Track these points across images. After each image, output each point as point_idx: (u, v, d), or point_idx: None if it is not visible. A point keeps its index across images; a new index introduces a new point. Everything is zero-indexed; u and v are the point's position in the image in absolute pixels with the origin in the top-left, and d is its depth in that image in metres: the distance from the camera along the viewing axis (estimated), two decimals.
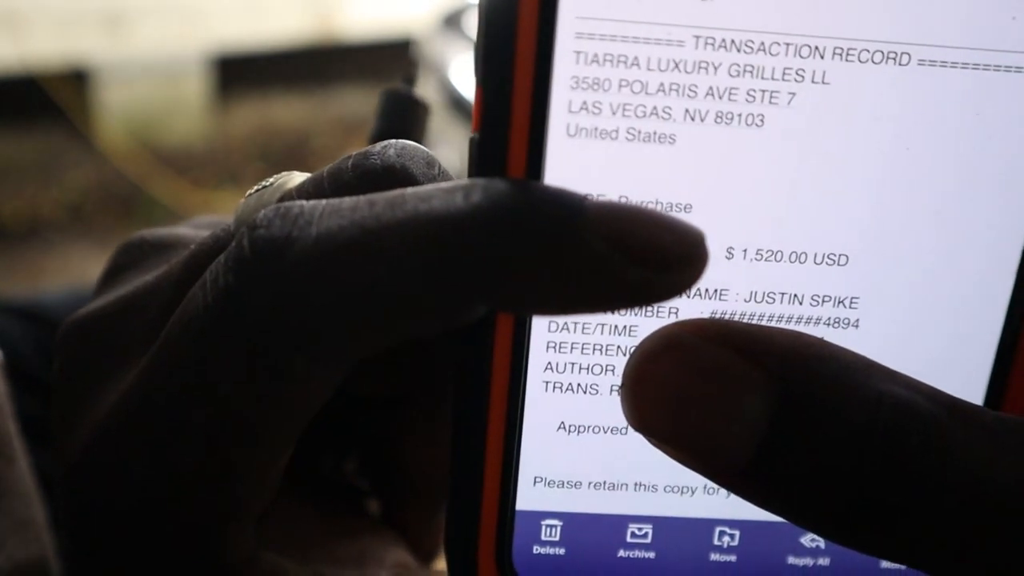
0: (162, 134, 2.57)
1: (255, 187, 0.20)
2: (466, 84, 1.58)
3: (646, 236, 0.14)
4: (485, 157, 0.16)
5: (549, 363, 0.18)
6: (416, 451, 0.23)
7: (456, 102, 1.60)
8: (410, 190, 0.16)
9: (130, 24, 2.51)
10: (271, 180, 0.20)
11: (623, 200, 0.17)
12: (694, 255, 0.14)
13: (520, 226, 0.14)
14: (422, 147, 0.19)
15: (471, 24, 1.71)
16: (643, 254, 0.14)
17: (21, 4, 2.37)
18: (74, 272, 2.14)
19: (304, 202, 0.16)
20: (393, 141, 0.19)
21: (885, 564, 0.19)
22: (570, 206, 0.14)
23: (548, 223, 0.14)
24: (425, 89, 1.76)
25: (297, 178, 0.20)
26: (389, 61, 2.73)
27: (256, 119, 2.75)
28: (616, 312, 0.16)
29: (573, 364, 0.18)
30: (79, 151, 2.47)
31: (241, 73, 2.74)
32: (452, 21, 1.77)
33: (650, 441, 0.15)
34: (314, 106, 2.85)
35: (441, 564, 0.24)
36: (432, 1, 1.96)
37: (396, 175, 0.18)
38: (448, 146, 1.64)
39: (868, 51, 0.16)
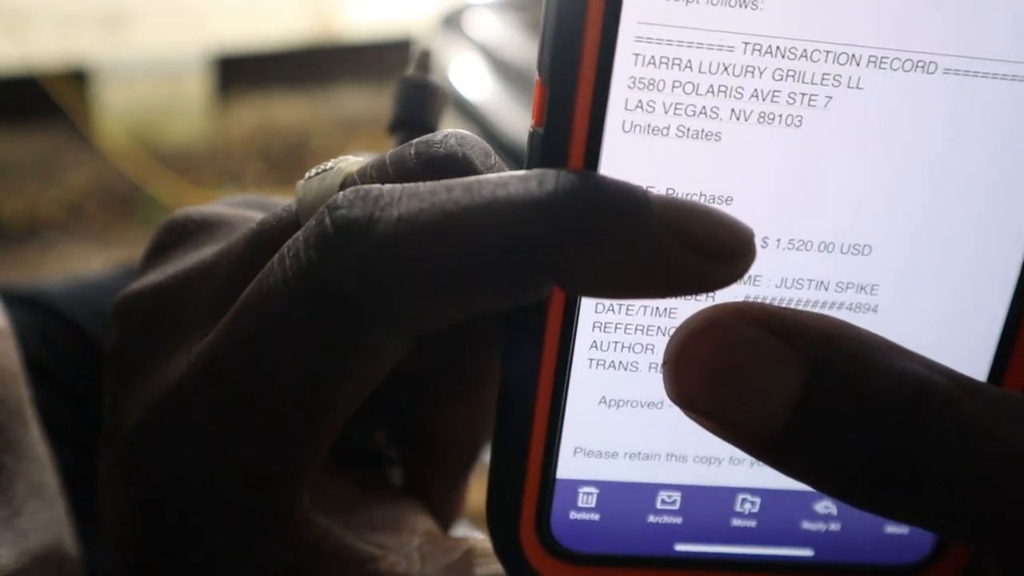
0: (162, 134, 2.57)
1: (314, 170, 0.20)
2: (464, 84, 1.58)
3: (705, 230, 0.16)
4: (548, 150, 0.17)
5: (594, 341, 0.19)
6: (444, 422, 0.23)
7: (456, 102, 1.60)
8: (484, 177, 0.17)
9: (130, 24, 2.51)
10: (330, 164, 0.20)
11: (671, 192, 0.18)
12: (746, 249, 0.16)
13: (594, 214, 0.16)
14: (480, 139, 0.20)
15: (471, 24, 1.71)
16: (703, 247, 0.16)
17: (21, 4, 2.37)
18: (74, 271, 2.14)
19: (381, 185, 0.17)
20: (453, 131, 0.19)
21: (889, 528, 0.21)
22: (637, 198, 0.16)
23: (620, 212, 0.16)
24: None
25: (353, 162, 0.20)
26: (389, 61, 2.73)
27: (256, 119, 2.75)
28: (670, 297, 0.18)
29: (616, 343, 0.19)
30: (79, 151, 2.47)
31: (241, 73, 2.74)
32: (452, 21, 1.77)
33: (688, 414, 0.16)
34: (314, 106, 2.85)
35: (457, 533, 0.24)
36: (432, 1, 1.96)
37: (458, 163, 0.19)
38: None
39: (899, 59, 0.18)
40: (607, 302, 0.19)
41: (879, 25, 0.18)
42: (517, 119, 1.42)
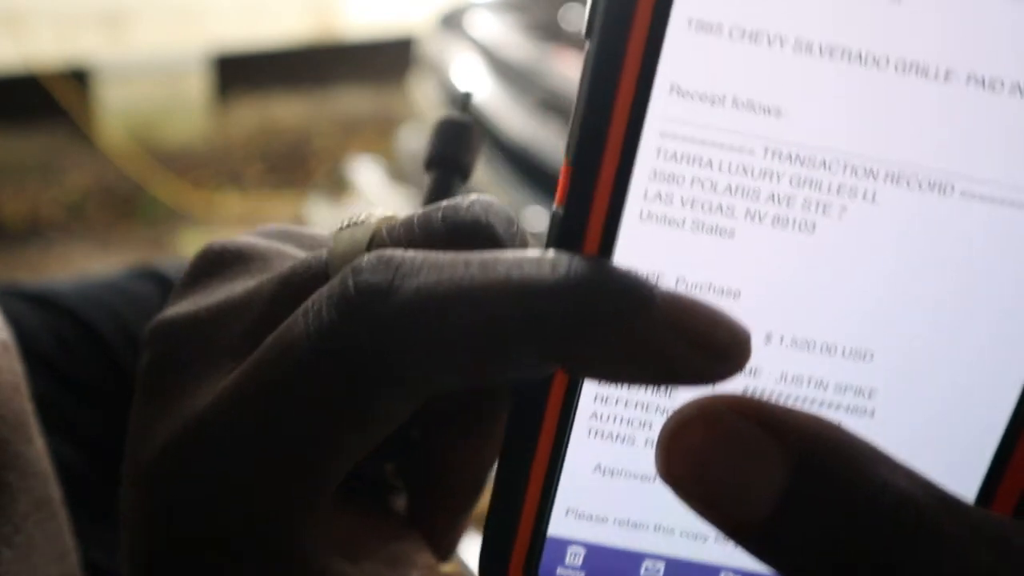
0: (162, 134, 2.58)
1: (346, 221, 0.22)
2: (464, 84, 1.58)
3: (704, 329, 0.17)
4: (566, 230, 0.18)
5: (595, 412, 0.20)
6: (454, 458, 0.24)
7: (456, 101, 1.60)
8: (501, 255, 0.18)
9: (130, 24, 2.52)
10: (362, 216, 0.22)
11: (681, 282, 0.19)
12: (742, 349, 0.17)
13: (599, 304, 0.17)
14: (504, 206, 0.21)
15: (471, 24, 1.71)
16: (701, 342, 0.17)
17: (21, 4, 2.37)
18: (75, 271, 2.15)
19: (404, 251, 0.18)
20: (478, 197, 0.21)
21: None
22: (642, 291, 0.17)
23: (624, 304, 0.17)
24: (425, 89, 1.76)
25: (383, 218, 0.21)
26: (389, 61, 2.73)
27: (256, 119, 2.75)
28: (667, 386, 0.19)
29: (615, 416, 0.20)
30: (79, 151, 2.47)
31: (241, 73, 2.74)
32: (452, 21, 1.77)
33: (676, 493, 0.17)
34: (314, 106, 2.85)
35: (453, 567, 0.25)
36: (432, 1, 1.97)
37: (482, 231, 0.20)
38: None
39: (917, 178, 0.18)
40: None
41: (900, 143, 0.18)
42: (517, 119, 1.42)
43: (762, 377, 0.20)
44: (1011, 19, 0.17)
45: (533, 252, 0.18)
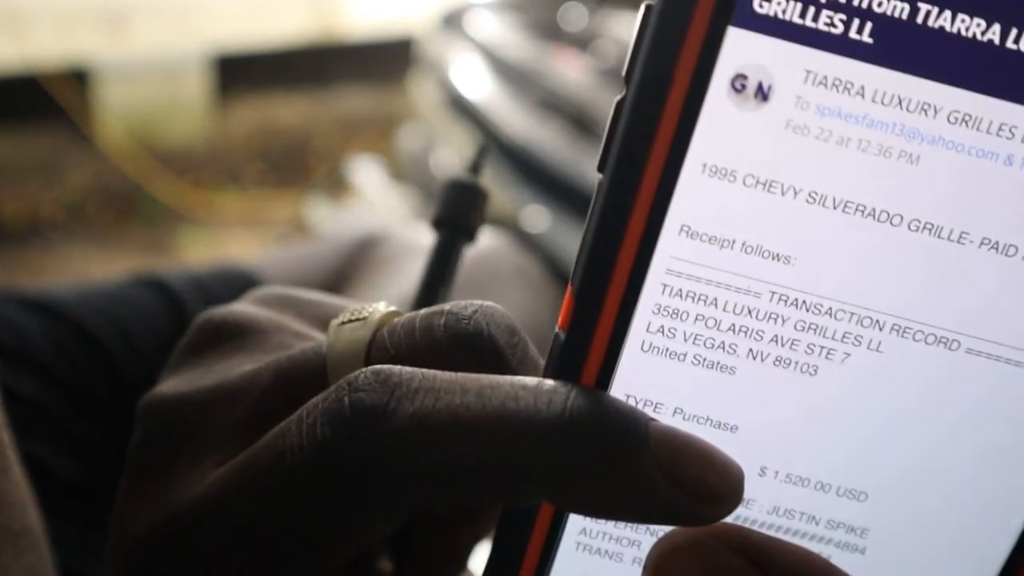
0: (162, 134, 2.58)
1: (345, 316, 0.22)
2: (464, 84, 1.58)
3: (695, 472, 0.17)
4: (567, 356, 0.18)
5: (584, 528, 0.20)
6: (439, 532, 0.24)
7: (456, 102, 1.60)
8: (499, 381, 0.18)
9: (130, 24, 2.52)
10: (366, 312, 0.21)
11: (679, 413, 0.19)
12: (732, 494, 0.17)
13: (589, 443, 0.17)
14: (507, 314, 0.21)
15: (471, 24, 1.71)
16: (691, 487, 0.17)
17: (21, 4, 2.37)
18: (74, 272, 2.14)
19: (401, 370, 0.18)
20: (480, 305, 0.20)
21: None
22: (636, 432, 0.17)
23: (615, 446, 0.17)
24: (425, 89, 1.76)
25: (386, 313, 0.21)
26: (389, 61, 2.73)
27: (256, 119, 2.75)
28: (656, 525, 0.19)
29: (604, 533, 0.20)
30: (79, 151, 2.47)
31: (241, 73, 2.74)
32: (452, 21, 1.77)
33: None
34: (314, 106, 2.85)
35: None
36: (432, 1, 1.96)
37: (483, 342, 0.20)
38: (448, 146, 1.64)
39: (923, 332, 0.18)
40: None
41: (907, 298, 0.18)
42: (516, 119, 1.42)
43: (754, 508, 0.20)
44: None
45: (531, 381, 0.18)
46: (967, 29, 0.16)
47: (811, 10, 0.16)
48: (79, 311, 0.42)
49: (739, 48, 0.16)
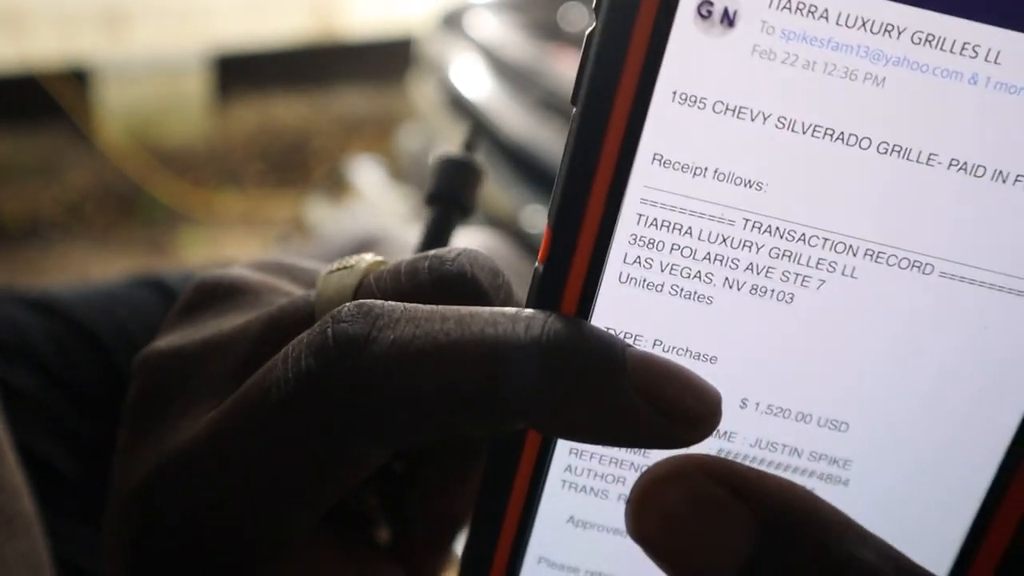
0: (162, 134, 2.58)
1: (334, 266, 0.22)
2: (464, 84, 1.58)
3: (672, 394, 0.17)
4: (546, 288, 0.18)
5: (569, 465, 0.20)
6: (435, 494, 0.25)
7: (456, 102, 1.60)
8: (477, 311, 0.18)
9: (130, 24, 2.51)
10: (352, 261, 0.22)
11: (658, 344, 0.19)
12: (709, 416, 0.17)
13: (567, 366, 0.17)
14: (490, 257, 0.21)
15: (471, 24, 1.71)
16: (668, 409, 0.17)
17: (21, 4, 2.37)
18: (74, 272, 2.14)
19: (384, 303, 0.18)
20: (465, 248, 0.21)
21: None
22: (613, 355, 0.17)
23: (593, 368, 0.17)
24: (425, 89, 1.76)
25: (372, 262, 0.22)
26: (389, 61, 2.73)
27: (256, 119, 2.75)
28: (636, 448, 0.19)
29: (589, 470, 0.21)
30: (79, 151, 2.47)
31: (241, 73, 2.74)
32: (452, 21, 1.77)
33: (644, 551, 0.17)
34: (314, 106, 2.85)
35: None
36: (432, 1, 1.96)
37: (466, 283, 0.20)
38: (448, 145, 1.64)
39: (896, 257, 0.18)
40: None
41: (880, 223, 0.18)
42: (516, 118, 1.42)
43: (736, 441, 0.20)
44: (995, 107, 0.17)
45: (510, 309, 0.18)
46: None
47: None
48: (79, 310, 0.42)
49: None
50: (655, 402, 0.17)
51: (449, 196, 0.27)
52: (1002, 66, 0.17)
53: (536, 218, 1.30)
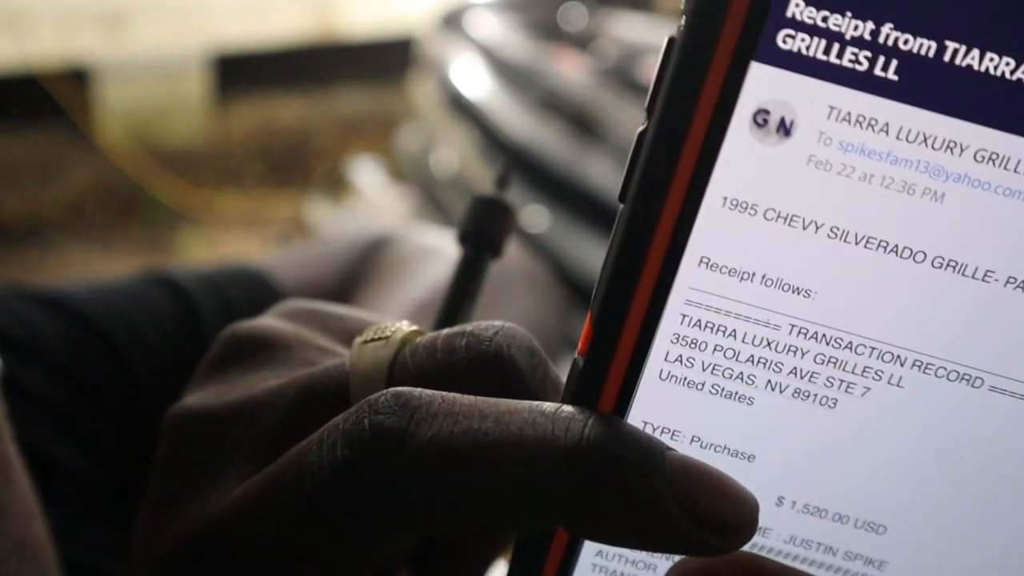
0: (162, 134, 2.58)
1: (369, 334, 0.22)
2: (464, 84, 1.58)
3: (710, 503, 0.17)
4: (586, 382, 0.18)
5: (600, 550, 0.21)
6: (459, 545, 0.25)
7: (456, 102, 1.60)
8: (516, 408, 0.18)
9: (130, 24, 2.52)
10: (389, 330, 0.22)
11: (696, 441, 0.19)
12: (745, 526, 0.17)
13: (606, 471, 0.17)
14: (527, 335, 0.21)
15: (471, 24, 1.71)
16: (705, 517, 0.17)
17: (21, 4, 2.37)
18: (74, 272, 2.14)
19: (422, 393, 0.18)
20: (503, 326, 0.21)
21: None
22: (652, 461, 0.17)
23: (632, 475, 0.17)
24: (425, 89, 1.76)
25: (408, 332, 0.22)
26: (389, 61, 2.73)
27: (256, 119, 2.75)
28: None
29: (621, 556, 0.21)
30: (79, 151, 2.47)
31: (241, 73, 2.74)
32: (452, 21, 1.77)
33: None
34: (314, 106, 2.85)
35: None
36: (432, 1, 1.96)
37: (503, 364, 0.20)
38: (448, 145, 1.64)
39: (945, 369, 0.18)
40: None
41: (931, 335, 0.18)
42: (516, 119, 1.42)
43: (771, 536, 0.20)
44: None
45: (549, 407, 0.18)
46: (995, 68, 0.16)
47: (835, 47, 0.16)
48: (90, 308, 0.42)
49: (762, 83, 0.16)
50: (692, 509, 0.17)
51: (481, 235, 0.28)
52: None
53: (536, 218, 1.30)
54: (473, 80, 1.57)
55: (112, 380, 0.40)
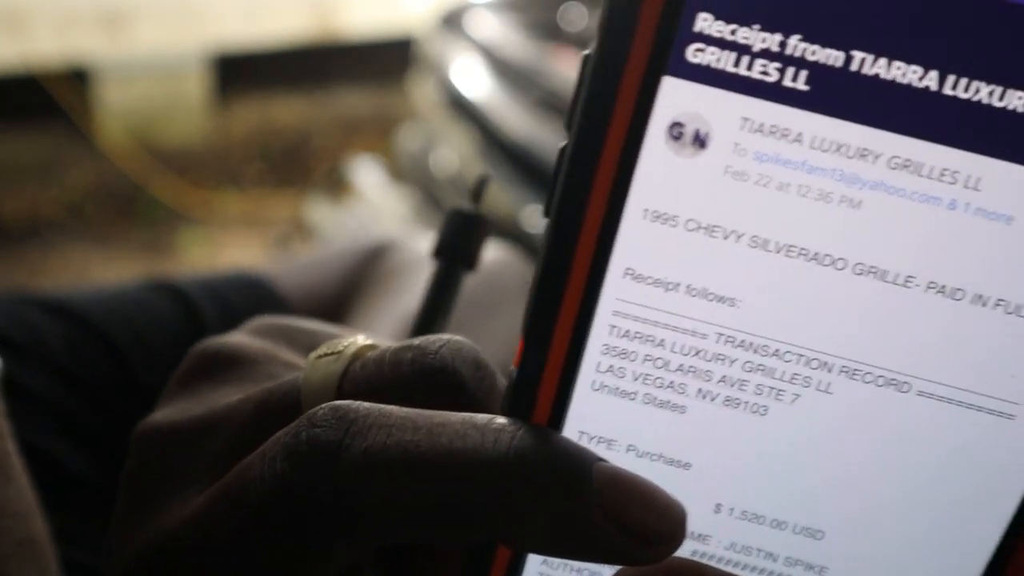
0: (162, 134, 2.58)
1: (322, 349, 0.22)
2: (464, 84, 1.58)
3: (637, 513, 0.17)
4: (519, 395, 0.19)
5: (545, 560, 0.21)
6: (430, 559, 0.25)
7: (456, 102, 1.60)
8: (450, 419, 0.18)
9: (130, 24, 2.52)
10: (340, 346, 0.22)
11: (631, 450, 0.19)
12: (671, 536, 0.17)
13: (532, 482, 0.17)
14: (474, 348, 0.21)
15: (471, 24, 1.71)
16: (631, 528, 0.17)
17: (21, 4, 2.37)
18: (74, 272, 2.15)
19: (359, 406, 0.19)
20: (448, 339, 0.21)
21: None
22: (578, 472, 0.17)
23: (557, 486, 0.17)
24: (425, 89, 1.76)
25: (361, 347, 0.22)
26: (389, 61, 2.73)
27: (256, 119, 2.75)
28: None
29: (567, 564, 0.21)
30: (79, 151, 2.47)
31: (241, 73, 2.74)
32: (452, 21, 1.77)
33: None
34: (314, 106, 2.85)
35: None
36: (432, 1, 1.96)
37: (448, 376, 0.20)
38: (448, 145, 1.64)
39: (872, 375, 0.18)
40: None
41: (856, 341, 0.18)
42: (516, 119, 1.42)
43: (711, 543, 0.20)
44: (975, 233, 0.17)
45: (482, 419, 0.18)
46: (903, 76, 0.16)
47: (745, 59, 0.16)
48: (94, 313, 0.42)
49: (675, 97, 0.16)
50: (618, 521, 0.17)
51: (455, 249, 0.28)
52: (982, 192, 0.17)
53: (536, 218, 1.29)
54: (473, 80, 1.57)
55: (113, 382, 0.41)
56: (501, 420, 0.18)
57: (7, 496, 0.27)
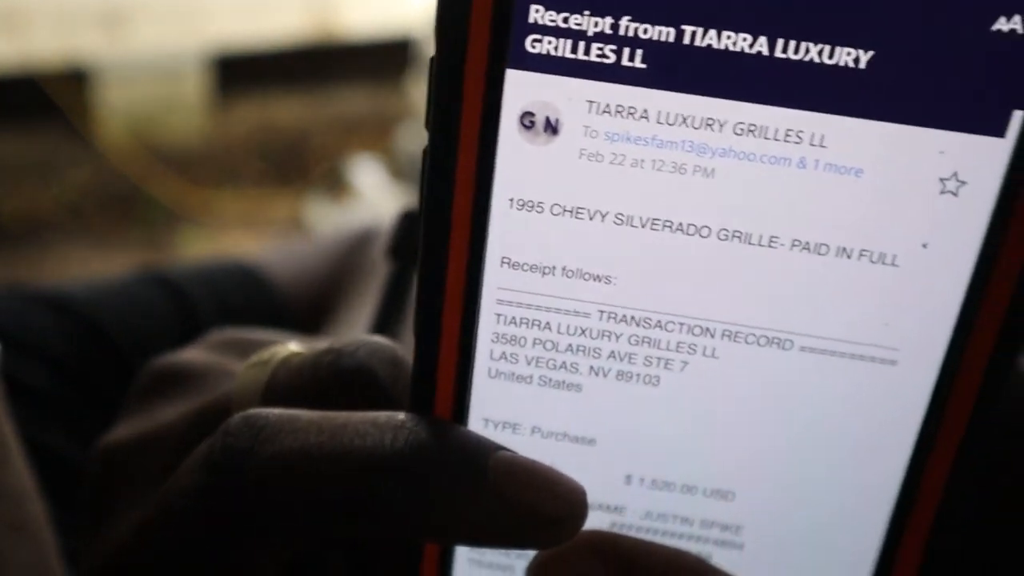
0: (162, 134, 2.58)
1: (253, 359, 0.23)
2: None
3: (532, 498, 0.18)
4: (418, 388, 0.19)
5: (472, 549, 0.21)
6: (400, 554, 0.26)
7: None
8: (352, 419, 0.19)
9: (130, 24, 2.52)
10: (266, 355, 0.23)
11: (536, 431, 0.20)
12: (570, 517, 0.18)
13: (429, 475, 0.18)
14: (391, 347, 0.22)
15: None
16: (528, 513, 0.18)
17: (21, 4, 2.37)
18: (74, 272, 2.15)
19: (269, 413, 0.19)
20: (366, 340, 0.22)
21: None
22: (473, 463, 0.18)
23: (453, 477, 0.18)
24: (418, 89, 1.76)
25: (286, 356, 0.23)
26: (389, 61, 2.73)
27: (256, 119, 2.75)
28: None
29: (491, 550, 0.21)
30: (79, 151, 2.47)
31: (241, 73, 2.74)
32: None
33: None
34: (314, 106, 2.85)
35: None
36: (432, 1, 1.96)
37: (364, 376, 0.21)
38: None
39: (754, 335, 0.19)
40: None
41: (733, 305, 0.19)
42: None
43: (627, 514, 0.21)
44: (828, 188, 0.18)
45: (383, 416, 0.19)
46: (734, 44, 0.16)
47: (581, 44, 0.17)
48: (89, 307, 0.43)
49: (520, 88, 0.17)
50: (515, 507, 0.17)
51: (409, 251, 0.29)
52: (828, 149, 0.17)
53: None
54: None
55: (113, 378, 0.41)
56: (401, 416, 0.19)
57: (2, 477, 0.27)
